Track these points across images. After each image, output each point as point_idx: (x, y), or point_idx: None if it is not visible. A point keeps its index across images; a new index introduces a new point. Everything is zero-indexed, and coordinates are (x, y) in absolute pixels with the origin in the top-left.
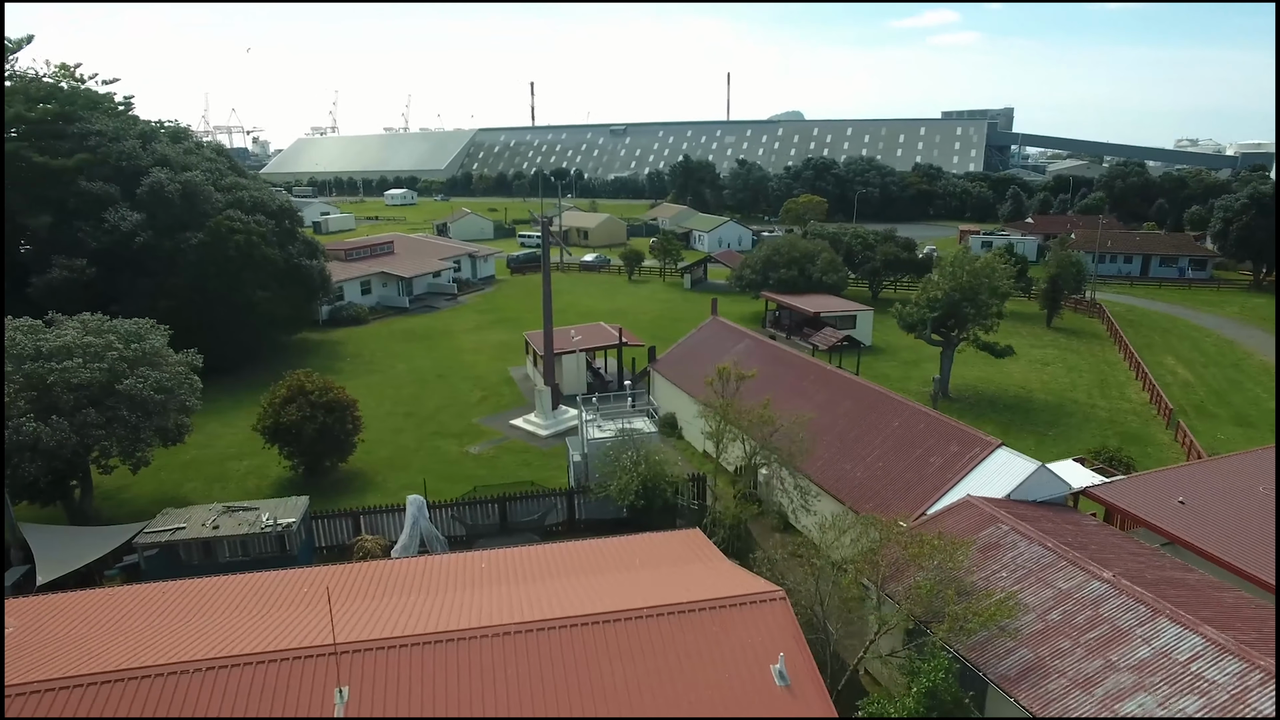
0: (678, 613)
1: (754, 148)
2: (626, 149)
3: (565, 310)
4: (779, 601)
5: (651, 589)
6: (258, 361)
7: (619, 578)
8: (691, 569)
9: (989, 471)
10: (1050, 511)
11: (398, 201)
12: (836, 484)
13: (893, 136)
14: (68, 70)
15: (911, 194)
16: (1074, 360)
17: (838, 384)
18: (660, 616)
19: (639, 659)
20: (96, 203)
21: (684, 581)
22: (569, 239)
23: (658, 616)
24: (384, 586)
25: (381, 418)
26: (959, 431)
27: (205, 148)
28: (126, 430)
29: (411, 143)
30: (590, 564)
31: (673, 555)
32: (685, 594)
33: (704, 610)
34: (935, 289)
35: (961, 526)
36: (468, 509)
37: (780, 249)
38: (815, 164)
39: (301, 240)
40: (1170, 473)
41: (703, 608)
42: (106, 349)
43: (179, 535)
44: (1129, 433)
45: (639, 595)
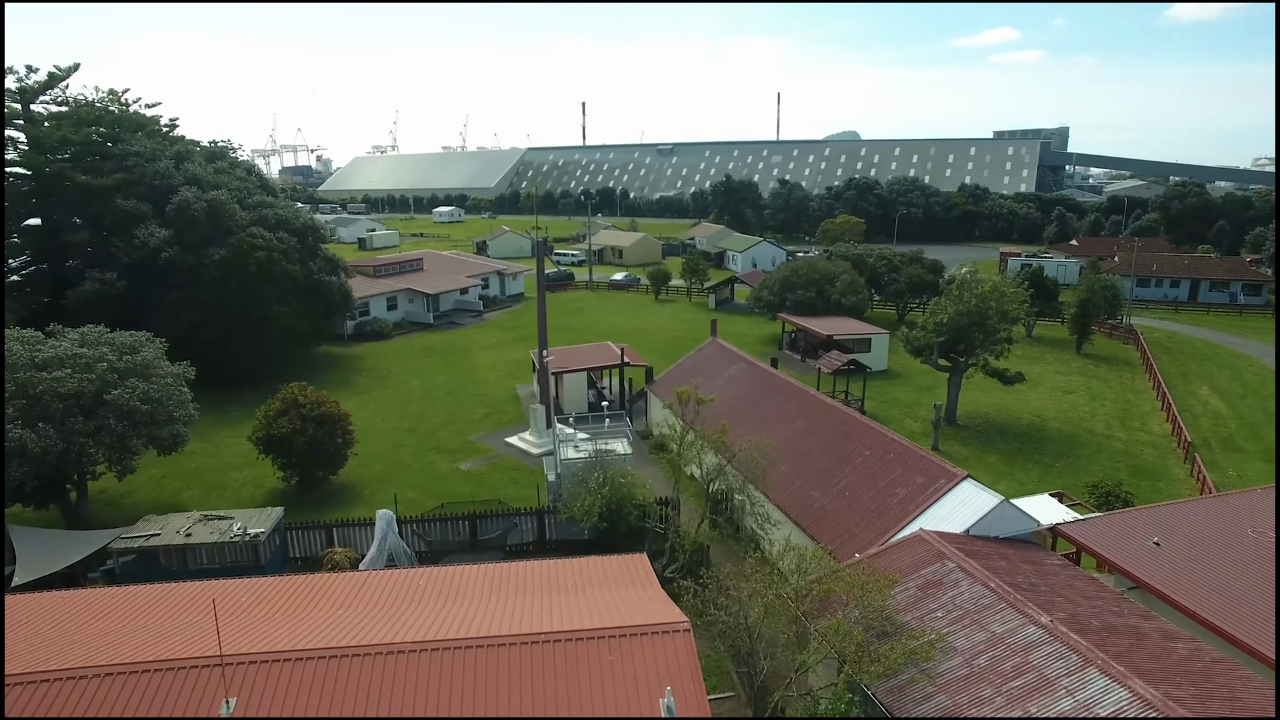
0: (576, 640)
1: (800, 168)
2: (673, 168)
3: (585, 329)
4: (681, 634)
5: (564, 614)
6: (276, 374)
7: (539, 601)
8: (616, 595)
9: (952, 504)
10: (1010, 549)
11: (445, 219)
12: (802, 512)
13: (941, 156)
14: (115, 95)
15: (956, 215)
16: (1098, 389)
17: (819, 410)
18: (558, 642)
19: (527, 684)
20: (130, 220)
21: (600, 608)
22: (604, 258)
23: (555, 642)
24: (316, 599)
25: (385, 432)
26: (927, 463)
27: (238, 167)
28: (113, 439)
29: (462, 161)
30: (521, 586)
31: (606, 580)
32: (592, 621)
33: (604, 638)
34: (942, 313)
35: (908, 562)
36: (431, 525)
37: (799, 270)
38: (857, 184)
39: (323, 257)
40: (1152, 511)
41: (603, 636)
42: (98, 360)
43: (152, 542)
44: (1142, 466)
45: (548, 620)
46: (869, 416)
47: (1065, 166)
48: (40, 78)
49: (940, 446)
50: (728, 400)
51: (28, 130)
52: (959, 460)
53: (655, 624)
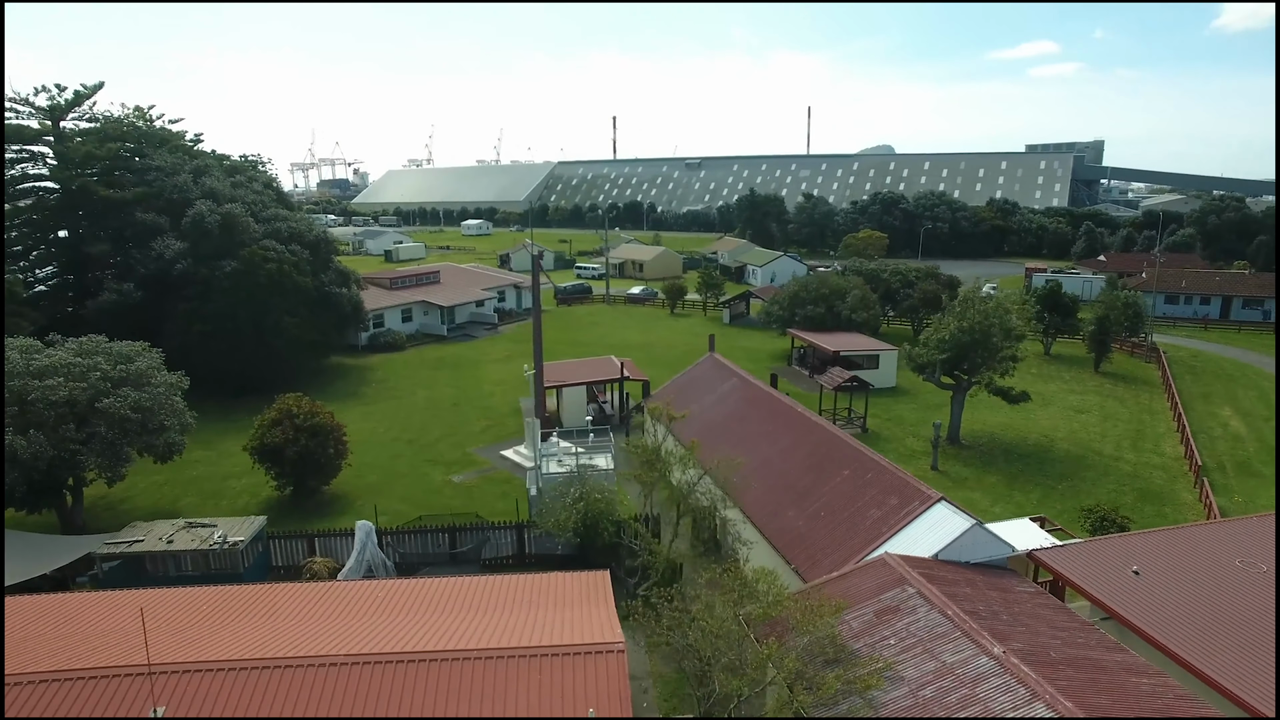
0: (505, 657)
1: (829, 182)
2: (700, 182)
3: (596, 342)
4: (613, 655)
5: (503, 631)
6: (286, 384)
7: (486, 616)
8: (565, 613)
9: (923, 527)
10: (980, 575)
11: (474, 231)
12: (777, 532)
13: (972, 171)
14: (142, 112)
15: (984, 230)
16: (1113, 409)
17: (802, 429)
18: (487, 659)
19: (451, 700)
20: (148, 232)
21: (542, 625)
22: (624, 272)
23: (484, 659)
24: (272, 609)
25: (385, 443)
26: (902, 484)
27: (256, 180)
28: (104, 446)
29: (493, 175)
30: (475, 600)
31: (561, 597)
32: (526, 639)
33: (535, 657)
34: (944, 329)
35: (867, 586)
36: (406, 537)
37: (808, 285)
38: (883, 199)
39: (334, 269)
40: (1137, 538)
41: (533, 654)
42: (91, 369)
43: (135, 548)
44: (1149, 489)
45: (485, 636)
46: (871, 434)
47: (1100, 181)
48: (69, 96)
49: (940, 466)
50: (718, 417)
51: (55, 147)
52: (958, 481)
53: (587, 644)
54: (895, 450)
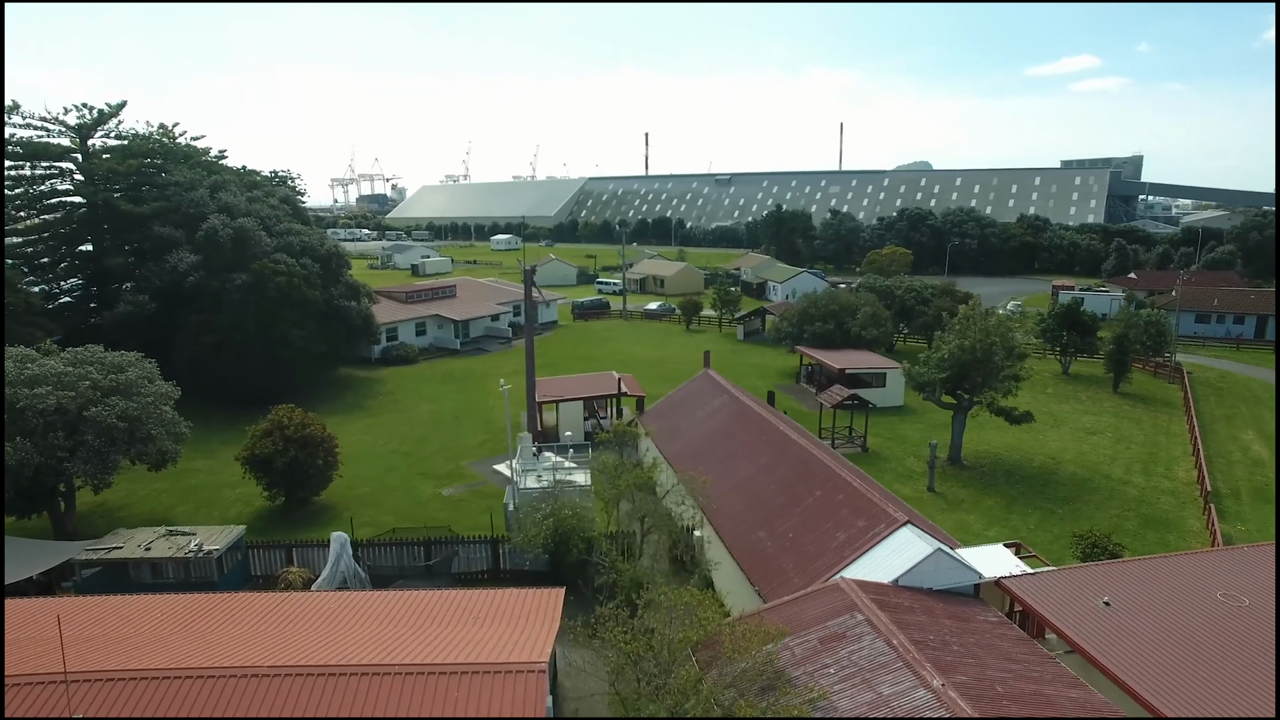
0: (424, 674)
1: (859, 198)
2: (730, 198)
3: (607, 357)
4: (532, 675)
5: (432, 646)
6: (294, 395)
7: (423, 631)
8: (504, 630)
9: (887, 551)
10: (939, 602)
11: (503, 246)
12: (745, 553)
13: (1005, 187)
14: (165, 129)
15: (1014, 246)
16: (1128, 430)
17: (782, 448)
18: (404, 675)
19: (367, 714)
20: (165, 245)
21: (475, 642)
22: (645, 287)
23: (401, 675)
24: (218, 618)
25: (382, 455)
26: (870, 506)
27: (273, 196)
28: (90, 454)
29: (524, 190)
30: (421, 616)
31: (507, 613)
32: (452, 655)
33: (454, 674)
34: (945, 347)
35: (816, 612)
36: (379, 550)
37: (818, 302)
38: (910, 215)
39: (344, 283)
40: (1114, 566)
41: (453, 672)
42: (81, 378)
43: (113, 554)
44: (1154, 516)
45: (412, 651)
46: (872, 454)
47: (1139, 196)
48: (93, 115)
49: (937, 488)
50: (705, 433)
51: (81, 164)
52: (954, 503)
53: (507, 663)
54: (894, 470)
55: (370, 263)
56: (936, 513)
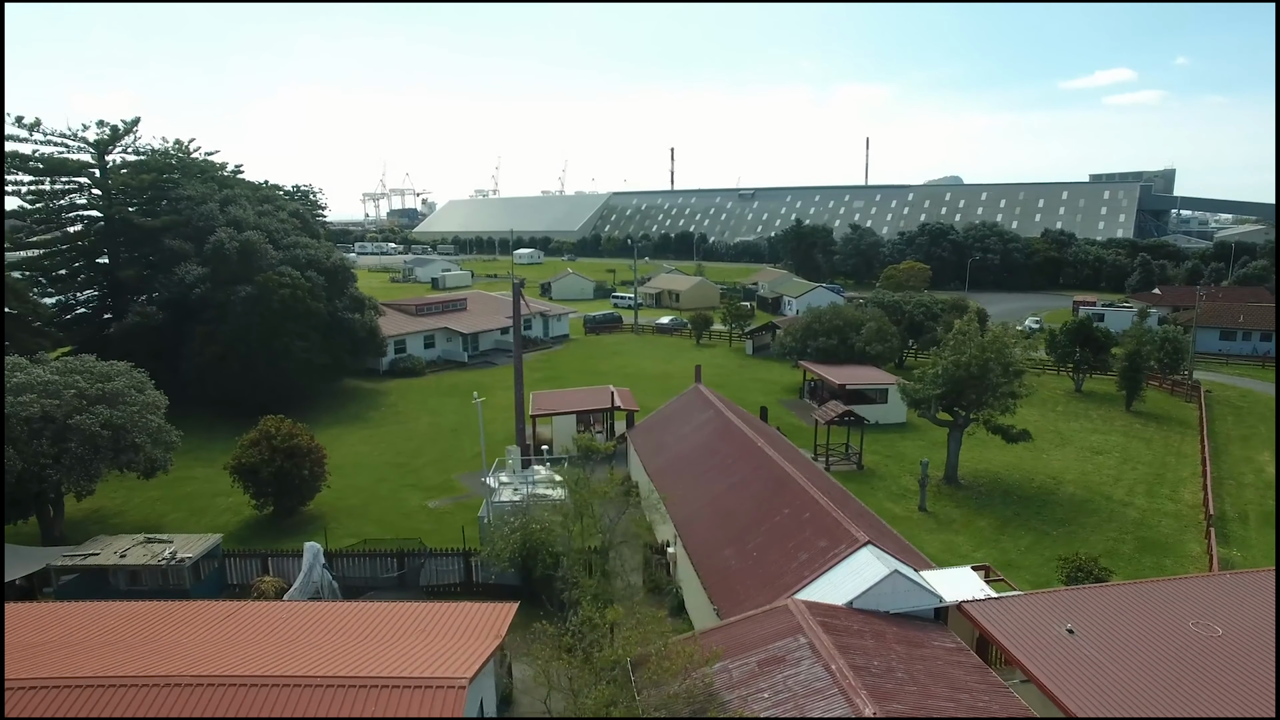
0: (343, 686)
1: (883, 213)
2: (754, 213)
3: (613, 371)
4: (452, 691)
5: (364, 660)
6: (297, 406)
7: (364, 644)
8: (442, 644)
9: (845, 572)
10: (894, 626)
11: (525, 260)
12: (710, 571)
13: (1031, 202)
14: (181, 144)
15: (1037, 261)
16: (1136, 450)
17: (756, 464)
18: (323, 687)
19: None
20: (174, 258)
21: (406, 656)
22: (661, 301)
23: (318, 687)
24: (165, 626)
25: (375, 466)
26: (833, 526)
27: (284, 210)
28: (74, 461)
29: (549, 205)
30: (366, 627)
31: (452, 627)
32: (377, 669)
33: (373, 688)
34: (941, 363)
35: (762, 633)
36: (349, 560)
37: (821, 316)
38: (931, 229)
39: (349, 295)
40: (1084, 593)
41: (374, 685)
42: (66, 387)
43: (88, 561)
44: (1153, 539)
45: (340, 664)
46: (868, 471)
47: (1170, 211)
48: (107, 132)
49: (929, 507)
50: (688, 449)
51: (98, 179)
52: (945, 523)
53: (428, 678)
54: (888, 489)
55: (393, 276)
56: (925, 533)
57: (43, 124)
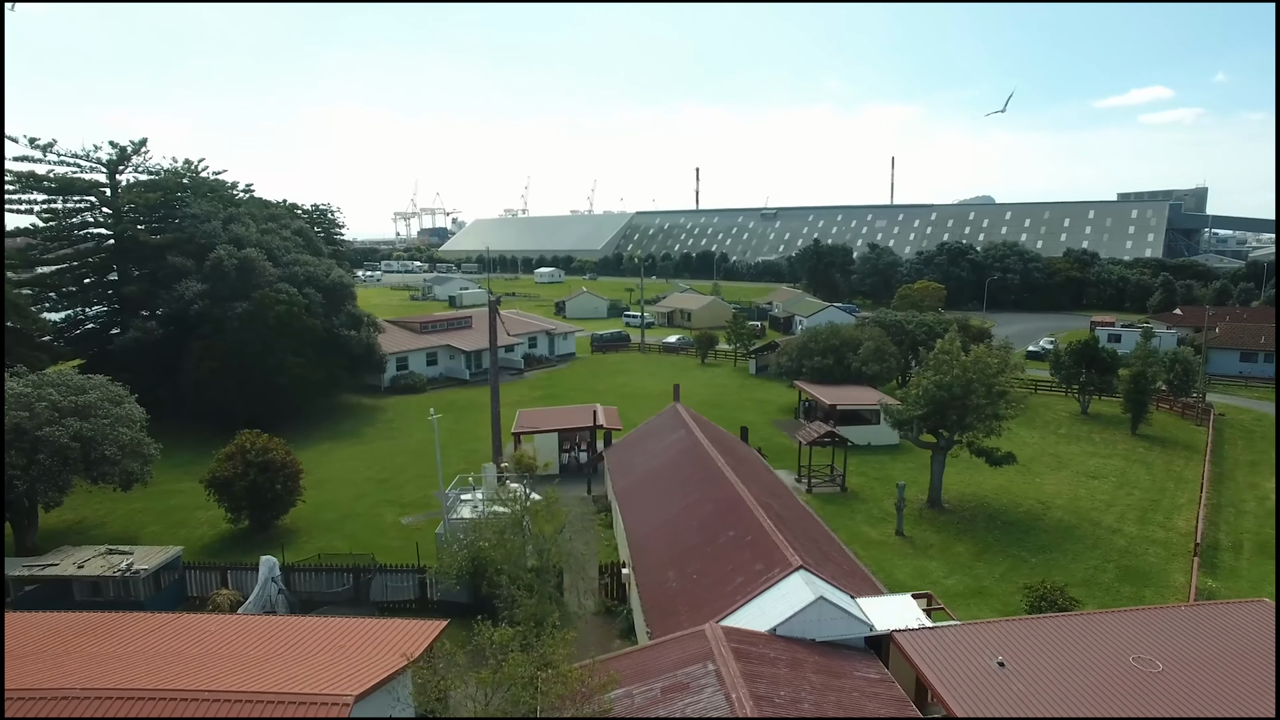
0: (226, 700)
1: (905, 232)
2: (775, 233)
3: (610, 390)
4: (335, 707)
5: (265, 673)
6: (291, 421)
7: (272, 659)
8: (352, 659)
9: (775, 597)
10: (816, 655)
11: (546, 279)
12: (651, 594)
13: (1057, 221)
14: (190, 164)
15: (1058, 281)
16: (1135, 475)
17: (711, 485)
18: (207, 701)
19: None
20: (176, 274)
21: (308, 671)
22: (673, 320)
23: (202, 701)
24: (77, 639)
25: (357, 481)
26: (771, 550)
27: (287, 229)
28: (42, 473)
29: (573, 224)
30: (285, 642)
31: (376, 643)
32: (276, 684)
33: (255, 702)
34: (924, 383)
35: (672, 659)
36: (302, 575)
37: (817, 336)
38: (949, 249)
39: (347, 313)
40: (1024, 624)
41: (257, 700)
42: (39, 399)
43: (47, 571)
44: (1136, 568)
45: (241, 677)
46: (851, 494)
47: (1203, 230)
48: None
49: (907, 531)
50: (655, 468)
51: (107, 199)
52: (921, 549)
53: (313, 695)
54: (869, 512)
55: (412, 294)
56: (898, 558)
57: (56, 145)
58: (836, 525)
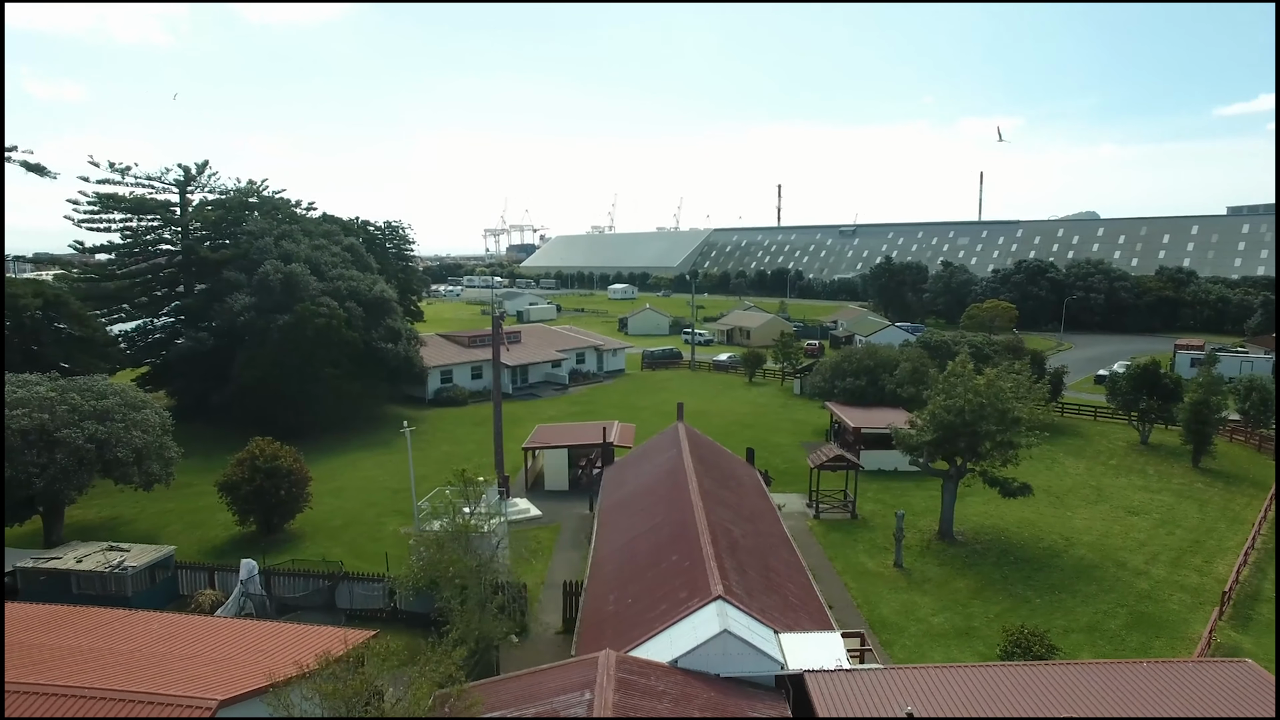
0: (91, 698)
1: (989, 250)
2: (854, 250)
3: (647, 407)
4: (194, 711)
5: (166, 674)
6: (327, 430)
7: (184, 660)
8: (252, 664)
9: (686, 627)
10: (711, 690)
11: (618, 296)
12: (589, 617)
13: (1155, 237)
14: (253, 184)
15: (1149, 301)
16: (1183, 513)
17: (673, 507)
18: (74, 698)
19: None
20: (229, 288)
21: (206, 673)
22: (732, 338)
23: (73, 697)
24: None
25: (373, 490)
26: (700, 577)
27: (338, 244)
28: (59, 472)
29: (650, 241)
30: (215, 643)
31: (290, 649)
32: (141, 684)
33: (120, 701)
34: (934, 407)
35: (556, 684)
36: (277, 579)
37: (851, 356)
38: (1028, 267)
39: (385, 326)
40: (951, 672)
41: (121, 699)
42: (60, 403)
43: (49, 564)
44: (1151, 615)
45: (135, 676)
46: (861, 520)
47: None
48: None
49: (908, 564)
50: (640, 488)
51: (176, 218)
52: (916, 582)
53: (177, 697)
54: (874, 541)
55: (483, 309)
56: (888, 591)
57: (133, 168)
58: (835, 554)
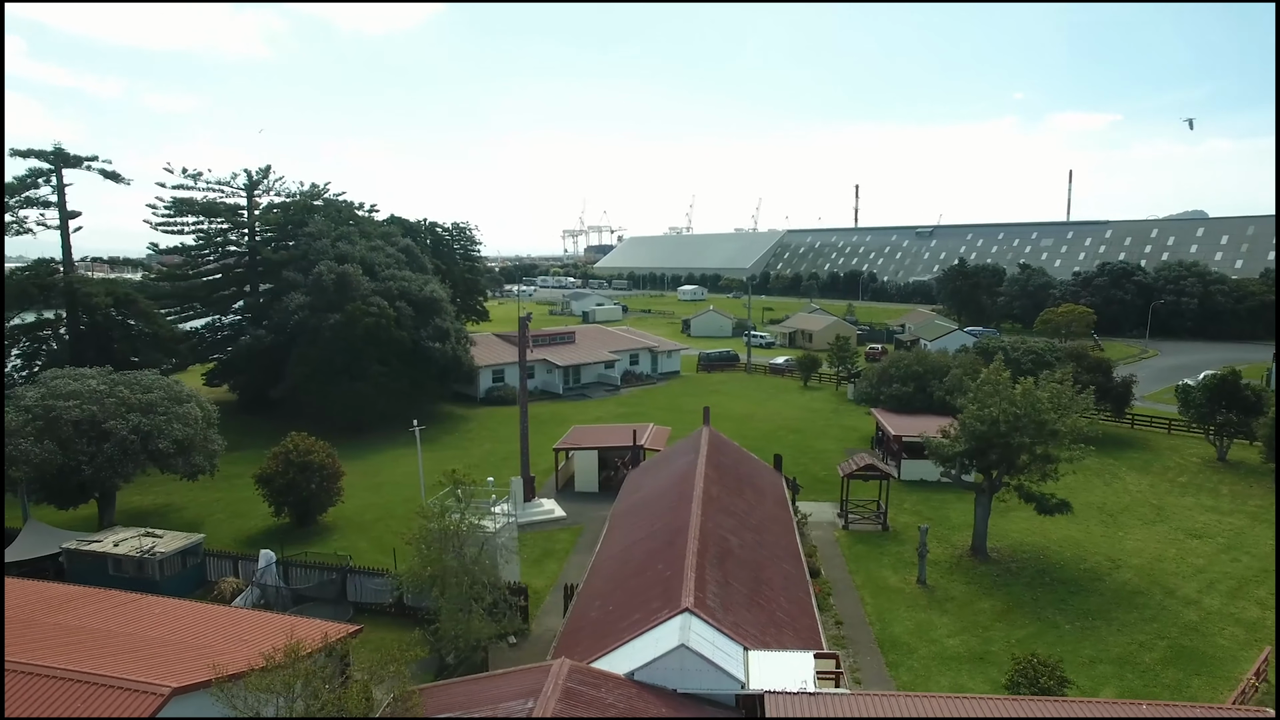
0: (50, 677)
1: (1074, 251)
2: (930, 252)
3: (694, 410)
4: (148, 696)
5: (138, 657)
6: (375, 426)
7: (162, 645)
8: (226, 653)
9: (651, 639)
10: (664, 707)
11: (688, 297)
12: (570, 624)
13: (1263, 237)
14: (316, 187)
15: (1250, 306)
16: (1254, 538)
17: (671, 516)
18: (33, 676)
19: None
20: (288, 288)
21: (162, 659)
22: (794, 341)
23: (33, 675)
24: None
25: (410, 485)
26: (675, 588)
27: (393, 245)
28: (105, 461)
29: (722, 242)
30: (196, 632)
31: (269, 639)
32: (96, 665)
33: (76, 682)
34: (964, 416)
35: (503, 692)
36: (294, 571)
37: (899, 362)
38: (1112, 269)
39: (434, 326)
40: (925, 702)
41: (78, 680)
42: (108, 395)
43: (90, 547)
44: (1194, 650)
45: (110, 659)
46: (892, 533)
47: None
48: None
49: (930, 581)
50: (649, 494)
51: (243, 221)
52: (937, 601)
53: (131, 681)
54: (901, 555)
55: (551, 308)
56: (905, 609)
57: (204, 174)
58: (857, 567)
